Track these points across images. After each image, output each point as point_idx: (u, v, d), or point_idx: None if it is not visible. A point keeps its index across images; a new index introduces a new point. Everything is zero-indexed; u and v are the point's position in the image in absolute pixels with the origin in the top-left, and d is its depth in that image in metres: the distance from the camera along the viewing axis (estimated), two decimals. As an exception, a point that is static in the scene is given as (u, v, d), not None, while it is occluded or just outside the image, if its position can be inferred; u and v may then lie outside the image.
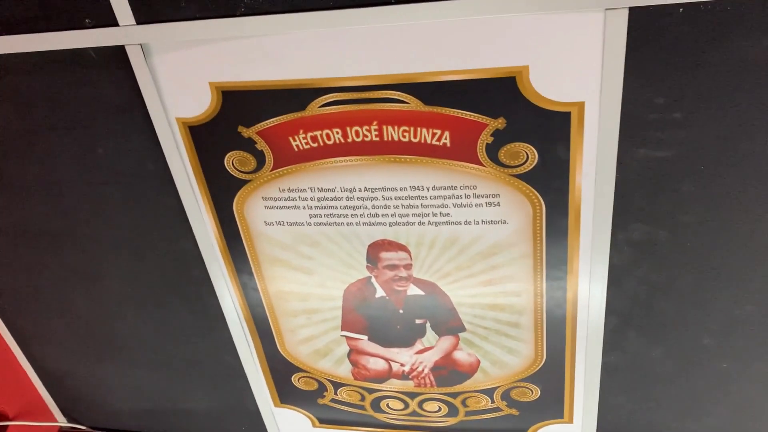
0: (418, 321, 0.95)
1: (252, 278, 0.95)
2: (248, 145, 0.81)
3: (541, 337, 0.92)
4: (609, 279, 0.84)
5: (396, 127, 0.76)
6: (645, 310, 0.87)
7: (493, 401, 1.02)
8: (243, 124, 0.80)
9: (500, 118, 0.73)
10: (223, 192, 0.87)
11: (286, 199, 0.85)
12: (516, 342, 0.93)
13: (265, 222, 0.88)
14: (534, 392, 0.99)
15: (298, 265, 0.92)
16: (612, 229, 0.80)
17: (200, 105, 0.80)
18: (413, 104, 0.74)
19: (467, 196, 0.80)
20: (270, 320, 1.00)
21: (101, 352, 1.14)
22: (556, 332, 0.91)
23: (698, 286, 0.83)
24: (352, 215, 0.85)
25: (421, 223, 0.83)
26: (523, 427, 1.06)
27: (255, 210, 0.87)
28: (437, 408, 1.06)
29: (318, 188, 0.83)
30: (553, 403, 1.01)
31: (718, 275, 0.81)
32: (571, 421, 1.03)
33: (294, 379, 1.08)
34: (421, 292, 0.91)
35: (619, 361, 0.93)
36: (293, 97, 0.76)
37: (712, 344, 0.88)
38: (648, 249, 0.81)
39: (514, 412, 1.03)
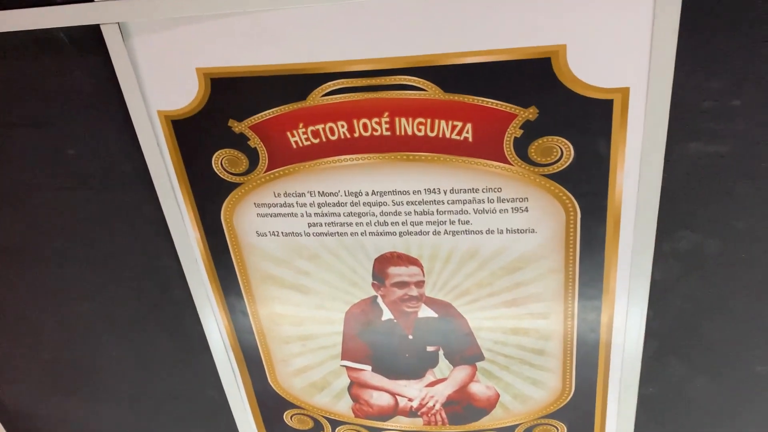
0: (429, 348, 0.83)
1: (241, 299, 0.84)
2: (240, 142, 0.71)
3: (570, 366, 0.81)
4: (650, 297, 0.74)
5: (410, 119, 0.66)
6: (690, 333, 0.76)
7: (512, 441, 0.90)
8: (234, 117, 0.70)
9: (531, 108, 0.64)
10: (209, 198, 0.76)
11: (281, 205, 0.75)
12: (541, 372, 0.82)
13: (257, 232, 0.78)
14: (560, 430, 0.88)
15: (294, 283, 0.81)
16: (656, 239, 0.70)
17: (186, 95, 0.69)
18: (431, 92, 0.64)
19: (491, 201, 0.70)
20: (260, 348, 0.88)
21: (68, 383, 1.01)
22: (588, 360, 0.80)
23: (753, 305, 0.73)
24: (357, 223, 0.74)
25: (436, 233, 0.73)
26: (544, 471, 0.94)
27: (246, 218, 0.77)
28: (449, 449, 0.94)
29: (319, 192, 0.73)
30: (581, 443, 0.89)
31: (778, 291, 0.71)
32: (599, 463, 0.91)
33: (286, 416, 0.96)
34: (434, 314, 0.80)
35: (658, 393, 0.82)
36: (292, 85, 0.66)
37: (766, 373, 0.77)
38: (696, 262, 0.71)
39: (535, 453, 0.91)
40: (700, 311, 0.74)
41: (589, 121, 0.63)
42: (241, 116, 0.69)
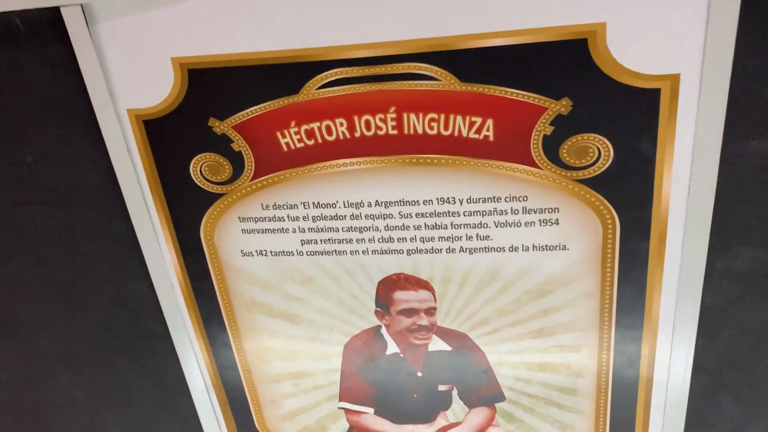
0: (441, 387, 0.72)
1: (223, 331, 0.73)
2: (222, 145, 0.61)
3: (605, 408, 0.70)
4: (700, 325, 0.63)
5: (421, 115, 0.57)
6: (745, 368, 0.65)
7: (536, 495, 0.78)
8: (216, 115, 0.60)
9: (564, 100, 0.54)
10: (188, 211, 0.66)
11: (270, 219, 0.64)
12: (571, 414, 0.71)
13: (242, 252, 0.67)
14: (591, 483, 0.76)
15: (284, 312, 0.70)
16: (708, 256, 0.59)
17: (159, 90, 0.60)
18: (445, 81, 0.55)
19: (515, 212, 0.59)
20: (246, 387, 0.77)
21: (24, 428, 0.89)
22: (625, 400, 0.69)
23: (822, 334, 0.62)
24: (358, 240, 0.64)
25: (450, 250, 0.63)
26: None
27: (229, 235, 0.66)
28: (462, 505, 0.81)
29: (314, 203, 0.63)
30: (615, 498, 0.77)
31: None
32: None
33: (275, 466, 0.84)
34: (447, 348, 0.69)
35: (707, 440, 0.71)
36: (283, 76, 0.57)
37: (835, 415, 0.66)
38: (754, 283, 0.61)
39: None
40: (758, 342, 0.64)
41: (631, 114, 0.54)
42: (224, 114, 0.60)
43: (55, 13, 0.58)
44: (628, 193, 0.57)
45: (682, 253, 0.59)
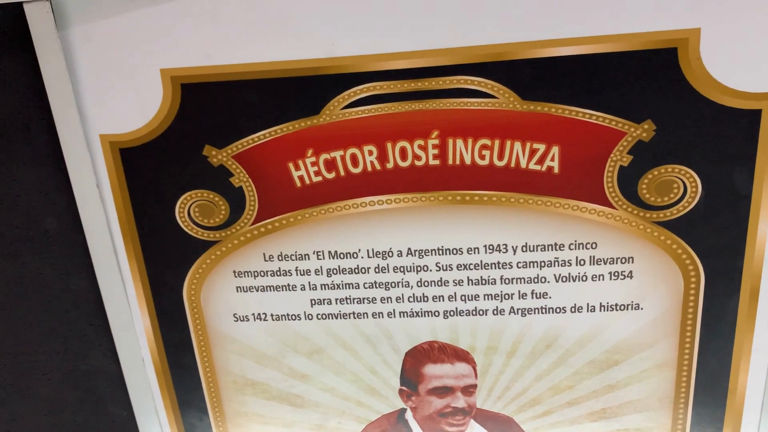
0: (475, 485, 0.58)
1: (205, 418, 0.59)
2: (219, 180, 0.50)
3: (676, 508, 0.57)
4: (798, 403, 0.52)
5: (470, 141, 0.46)
6: None
7: None
8: (212, 142, 0.48)
9: (646, 123, 0.45)
10: (169, 264, 0.53)
11: (274, 274, 0.52)
12: None
13: (234, 316, 0.54)
14: None
15: (284, 392, 0.56)
16: (810, 316, 0.49)
17: (143, 111, 0.48)
18: (503, 99, 0.45)
19: (581, 262, 0.49)
20: (229, 490, 0.62)
21: None
22: (701, 498, 0.57)
23: None
24: (383, 299, 0.52)
25: (498, 312, 0.51)
26: None
27: (220, 294, 0.53)
28: None
29: (330, 253, 0.51)
30: None
31: None
32: None
33: None
34: (486, 435, 0.56)
35: None
36: (299, 92, 0.46)
37: None
38: None
39: None
40: None
41: (725, 141, 0.45)
42: (223, 141, 0.48)
43: (16, 11, 0.47)
44: (717, 238, 0.47)
45: (779, 312, 0.49)
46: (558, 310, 0.50)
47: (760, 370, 0.51)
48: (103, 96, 0.48)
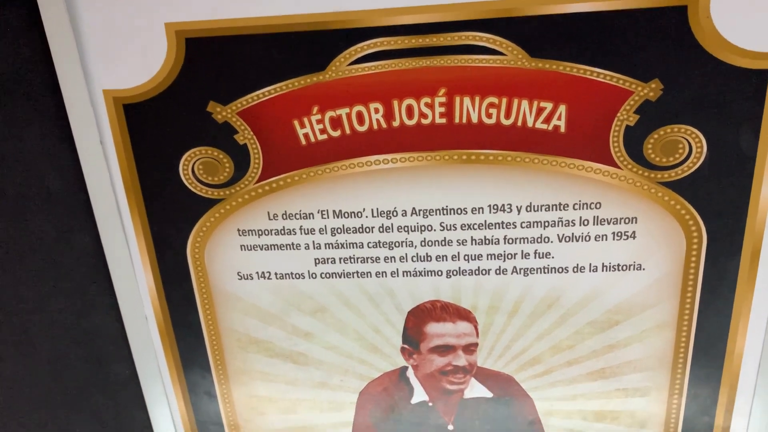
0: (475, 443, 0.59)
1: (208, 376, 0.59)
2: (223, 137, 0.49)
3: (671, 466, 0.58)
4: (794, 364, 0.53)
5: (477, 99, 0.46)
6: (843, 415, 0.56)
7: None
8: (217, 98, 0.48)
9: (653, 82, 0.45)
10: (173, 222, 0.53)
11: (278, 232, 0.52)
12: (629, 475, 0.59)
13: (239, 274, 0.54)
14: None
15: (287, 350, 0.57)
16: (809, 278, 0.50)
17: (147, 66, 0.48)
18: (511, 57, 0.45)
19: (584, 222, 0.49)
20: (231, 447, 0.63)
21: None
22: (696, 457, 0.58)
23: None
24: (387, 258, 0.52)
25: (501, 271, 0.51)
26: None
27: (225, 253, 0.53)
28: None
29: (334, 212, 0.51)
30: None
31: None
32: None
33: None
34: (488, 394, 0.57)
35: (789, 504, 0.60)
36: (305, 48, 0.46)
37: None
38: None
39: None
40: None
41: (732, 101, 0.45)
42: (228, 97, 0.48)
43: (17, -37, 0.46)
44: (720, 199, 0.48)
45: (779, 274, 0.50)
46: (560, 270, 0.51)
47: (759, 333, 0.52)
48: (107, 51, 0.48)
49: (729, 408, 0.55)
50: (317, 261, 0.53)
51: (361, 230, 0.51)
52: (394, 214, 0.50)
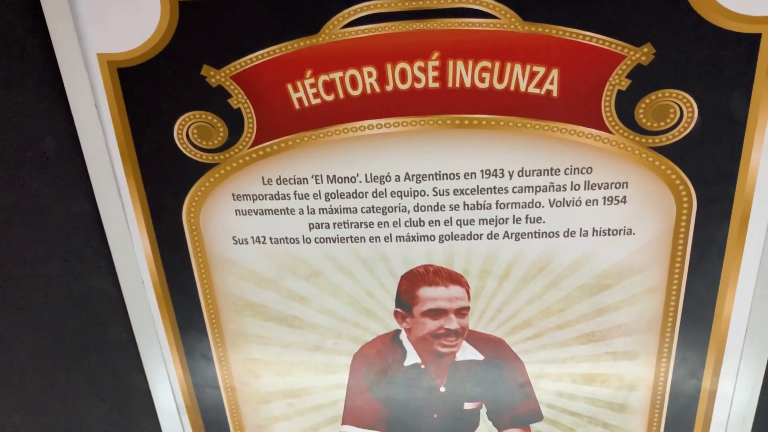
0: (468, 406, 0.61)
1: (204, 339, 0.60)
2: (217, 101, 0.49)
3: (658, 427, 0.60)
4: (780, 327, 0.54)
5: (471, 63, 0.46)
6: (827, 378, 0.57)
7: None
8: (211, 62, 0.48)
9: (645, 46, 0.45)
10: (168, 186, 0.53)
11: (273, 197, 0.53)
12: (618, 436, 0.61)
13: (234, 239, 0.55)
14: None
15: (282, 314, 0.58)
16: (796, 243, 0.51)
17: (141, 29, 0.48)
18: (505, 20, 0.45)
19: (575, 187, 0.49)
20: (228, 410, 0.64)
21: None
22: (683, 416, 0.59)
23: None
24: (380, 223, 0.53)
25: (493, 236, 0.52)
26: None
27: (219, 217, 0.54)
28: None
29: (328, 177, 0.51)
30: None
31: None
32: None
33: (260, 506, 0.70)
34: (479, 357, 0.58)
35: (772, 464, 0.61)
36: (298, 11, 0.46)
37: None
38: None
39: None
40: None
41: (723, 66, 0.45)
42: (222, 61, 0.48)
43: (8, -76, 0.46)
44: (710, 164, 0.48)
45: (766, 238, 0.50)
46: (551, 234, 0.51)
47: (746, 297, 0.53)
48: (101, 13, 0.48)
49: (716, 371, 0.56)
50: (311, 226, 0.53)
51: (354, 195, 0.52)
52: (388, 179, 0.51)
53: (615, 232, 0.51)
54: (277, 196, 0.52)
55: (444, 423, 0.61)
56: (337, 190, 0.52)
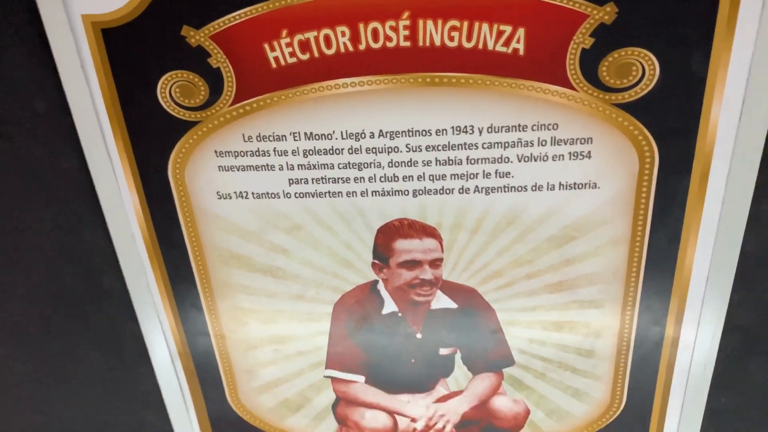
0: (443, 351, 0.64)
1: (194, 289, 0.63)
2: (197, 60, 0.51)
3: (624, 371, 0.63)
4: (737, 275, 0.57)
5: (440, 23, 0.48)
6: (783, 325, 0.60)
7: (541, 471, 0.71)
8: (191, 22, 0.50)
9: (608, 5, 0.46)
10: (154, 144, 0.56)
11: (253, 154, 0.55)
12: (586, 380, 0.64)
13: (218, 194, 0.57)
14: (603, 455, 0.69)
15: (266, 265, 0.61)
16: (754, 196, 0.53)
17: (121, -9, 0.49)
18: (471, -19, 0.46)
19: (542, 143, 0.52)
20: (218, 355, 0.67)
21: (-47, 410, 0.77)
22: (647, 362, 0.62)
23: None
24: (356, 179, 0.55)
25: (464, 190, 0.54)
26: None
27: (204, 173, 0.56)
28: (460, 483, 0.74)
29: (306, 134, 0.53)
30: (626, 472, 0.71)
31: None
32: (644, 496, 0.73)
33: (250, 445, 0.74)
34: (453, 305, 0.61)
35: (732, 404, 0.65)
36: (275, -27, 0.47)
37: None
38: (804, 227, 0.54)
39: (569, 486, 0.73)
40: (800, 294, 0.58)
41: (683, 24, 0.46)
42: (201, 21, 0.50)
43: None
44: (672, 120, 0.50)
45: (726, 192, 0.53)
46: (519, 188, 0.54)
47: (707, 246, 0.55)
48: (82, -25, 0.49)
49: (679, 318, 0.59)
50: (291, 181, 0.56)
51: (331, 152, 0.54)
52: (363, 136, 0.53)
53: (580, 186, 0.53)
54: (257, 153, 0.55)
55: (421, 367, 0.65)
56: (314, 147, 0.54)
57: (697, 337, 0.60)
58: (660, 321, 0.60)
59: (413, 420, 0.68)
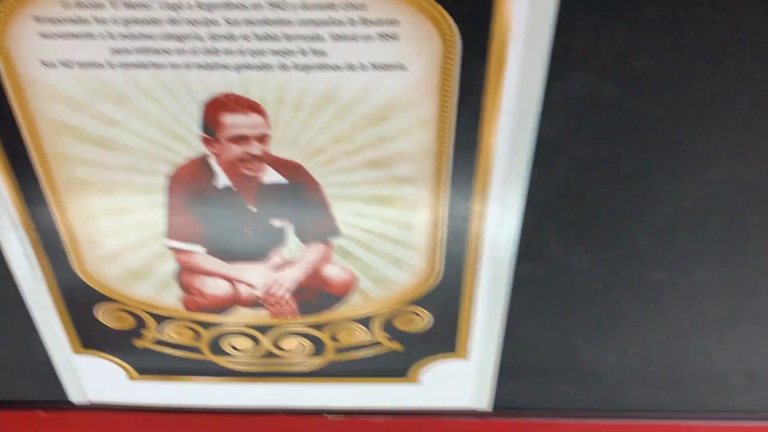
0: (276, 223, 0.69)
1: (27, 159, 0.64)
2: None
3: (440, 243, 0.70)
4: (535, 155, 0.63)
5: None
6: (575, 201, 0.67)
7: (371, 333, 0.79)
8: None
9: None
10: (-32, 7, 0.55)
11: (74, 21, 0.55)
12: (406, 250, 0.71)
13: (42, 62, 0.58)
14: (424, 318, 0.78)
15: (97, 136, 0.62)
16: (546, 80, 0.58)
17: None
18: None
19: (352, 22, 0.55)
20: (60, 225, 0.70)
21: None
22: (458, 236, 0.69)
23: (649, 165, 0.64)
24: (178, 51, 0.57)
25: (283, 67, 0.57)
26: (404, 366, 0.84)
27: (26, 40, 0.56)
28: (298, 345, 0.81)
29: (124, 2, 0.54)
30: (447, 334, 0.80)
31: (678, 152, 0.63)
32: (464, 355, 0.82)
33: (99, 312, 0.78)
34: (282, 180, 0.65)
35: (533, 275, 0.74)
36: None
37: (647, 247, 0.71)
38: (589, 110, 0.61)
39: (397, 346, 0.81)
40: (588, 174, 0.65)
41: None
42: None
43: None
44: (471, 5, 0.54)
45: (521, 75, 0.58)
46: (334, 67, 0.57)
47: (508, 128, 0.61)
48: None
49: (485, 195, 0.66)
50: (113, 51, 0.57)
51: (151, 22, 0.55)
52: (180, 7, 0.54)
53: (390, 67, 0.57)
54: (78, 21, 0.55)
55: (255, 239, 0.70)
56: (134, 17, 0.55)
57: (503, 214, 0.67)
58: (468, 197, 0.66)
59: (252, 286, 0.73)
